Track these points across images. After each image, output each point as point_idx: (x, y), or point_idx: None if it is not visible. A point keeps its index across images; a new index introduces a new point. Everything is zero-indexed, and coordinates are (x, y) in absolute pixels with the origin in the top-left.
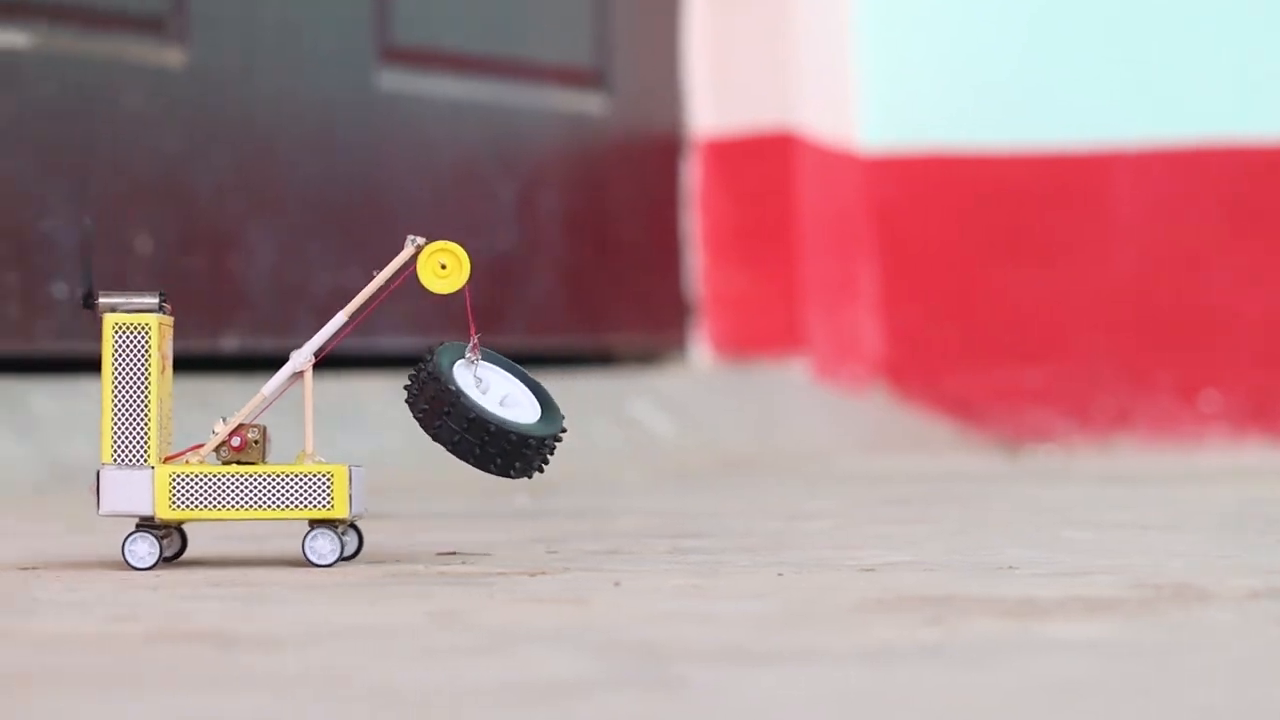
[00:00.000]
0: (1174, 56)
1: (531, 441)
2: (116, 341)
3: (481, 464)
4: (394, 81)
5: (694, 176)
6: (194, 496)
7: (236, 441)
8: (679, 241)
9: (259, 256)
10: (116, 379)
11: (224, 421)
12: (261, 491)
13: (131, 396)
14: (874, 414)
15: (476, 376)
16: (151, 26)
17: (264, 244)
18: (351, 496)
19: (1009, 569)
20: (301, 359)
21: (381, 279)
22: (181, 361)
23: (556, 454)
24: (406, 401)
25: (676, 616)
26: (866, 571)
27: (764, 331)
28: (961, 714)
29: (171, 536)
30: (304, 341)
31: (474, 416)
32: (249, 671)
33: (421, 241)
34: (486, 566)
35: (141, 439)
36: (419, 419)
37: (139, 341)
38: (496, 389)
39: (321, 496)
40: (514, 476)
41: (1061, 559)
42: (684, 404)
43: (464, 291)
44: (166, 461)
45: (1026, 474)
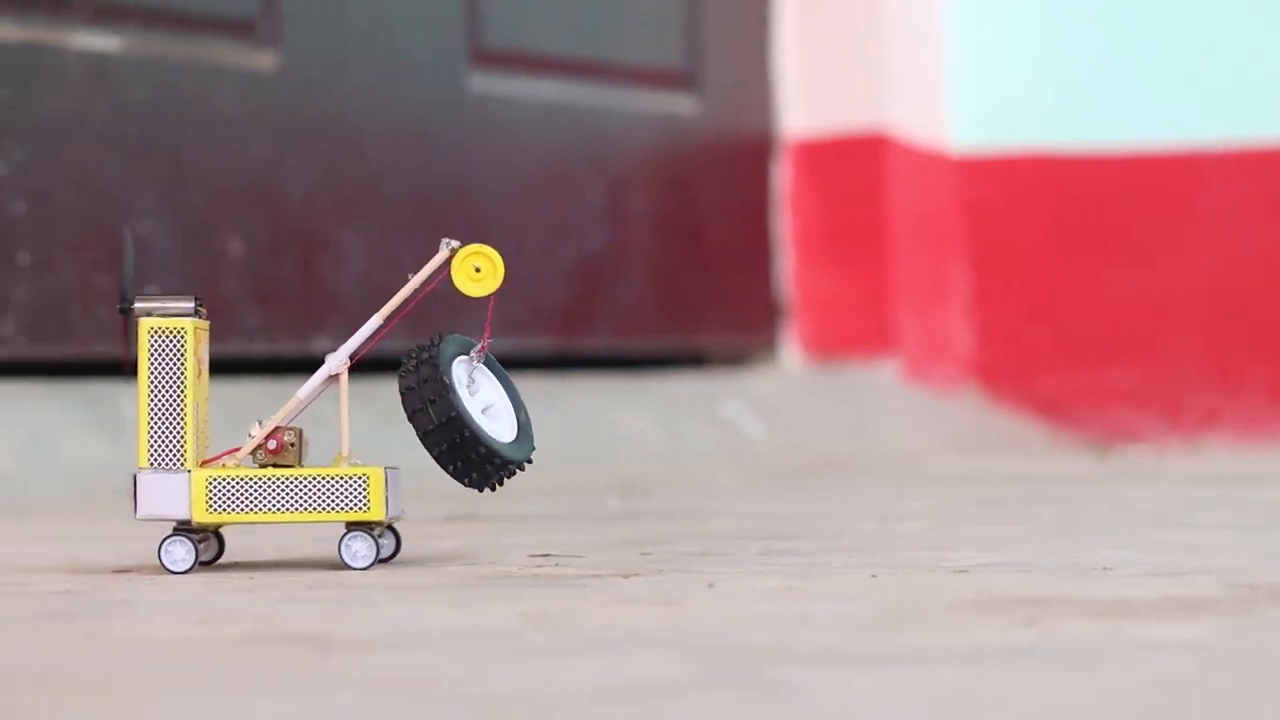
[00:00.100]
0: (1263, 56)
1: (497, 460)
2: (152, 345)
3: (442, 461)
4: (484, 84)
5: (784, 177)
6: (230, 500)
7: (273, 445)
8: (769, 243)
9: (350, 259)
10: (152, 383)
11: (259, 425)
12: (298, 494)
13: (168, 400)
14: (964, 415)
15: (471, 377)
16: (243, 29)
17: (355, 246)
18: (388, 498)
19: (1103, 570)
20: (336, 362)
21: (417, 282)
22: (275, 365)
23: (648, 454)
24: (398, 374)
25: (771, 618)
26: (960, 573)
27: (854, 333)
28: (1056, 715)
29: (209, 540)
30: (394, 343)
31: (454, 415)
32: (344, 673)
33: (456, 244)
34: (580, 568)
35: (178, 443)
36: (402, 394)
37: (175, 345)
38: (484, 395)
39: (358, 499)
40: (465, 485)
41: (1155, 559)
42: (775, 405)
43: (494, 295)
44: (203, 465)
45: (1117, 474)
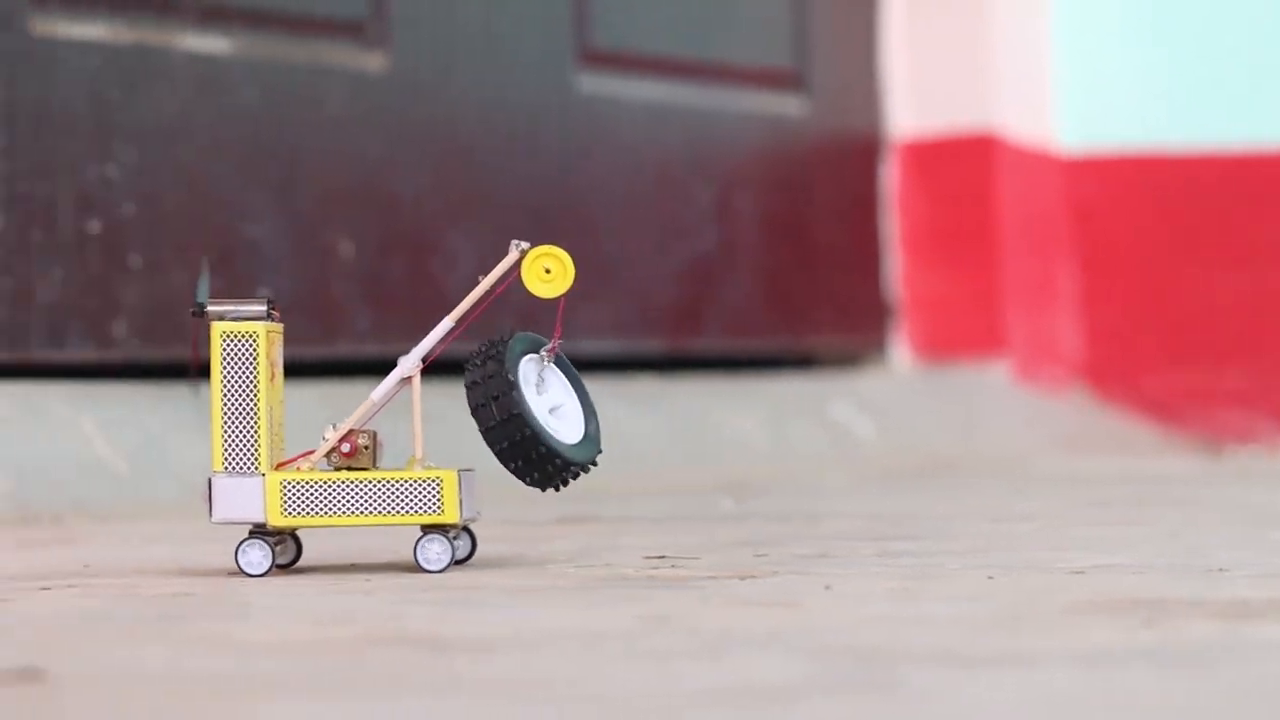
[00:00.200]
0: None
1: (558, 460)
2: (225, 350)
3: (503, 459)
4: (593, 84)
5: (893, 178)
6: (305, 503)
7: (347, 447)
8: (878, 243)
9: (460, 260)
10: (226, 387)
11: (334, 428)
12: (372, 497)
13: (241, 404)
14: (1074, 415)
15: (541, 376)
16: (352, 31)
17: (464, 248)
18: (462, 501)
19: (1219, 571)
20: (409, 365)
21: (487, 284)
22: (387, 366)
23: (755, 455)
24: (465, 366)
25: (888, 620)
26: (1076, 574)
27: (963, 333)
28: (1173, 717)
29: (286, 543)
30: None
31: (516, 413)
32: (462, 675)
33: (526, 246)
34: (695, 570)
35: (252, 446)
36: (466, 388)
37: (247, 349)
38: (553, 395)
39: (432, 501)
40: (528, 484)
41: (1272, 561)
42: (885, 406)
43: (563, 295)
44: (278, 468)
45: (1230, 475)
